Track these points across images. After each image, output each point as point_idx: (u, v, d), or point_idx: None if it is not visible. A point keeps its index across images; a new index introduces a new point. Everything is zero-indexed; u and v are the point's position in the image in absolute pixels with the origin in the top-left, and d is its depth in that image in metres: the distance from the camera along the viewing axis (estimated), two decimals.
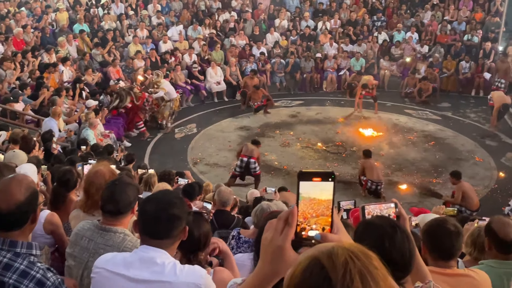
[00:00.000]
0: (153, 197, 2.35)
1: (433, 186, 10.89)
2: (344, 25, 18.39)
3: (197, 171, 11.34)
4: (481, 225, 3.57)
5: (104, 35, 15.81)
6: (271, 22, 18.47)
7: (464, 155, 12.23)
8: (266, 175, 11.23)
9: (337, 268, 1.07)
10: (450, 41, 17.45)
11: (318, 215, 1.31)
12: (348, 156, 12.18)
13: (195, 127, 13.75)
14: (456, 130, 13.56)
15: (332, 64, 16.73)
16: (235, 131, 13.60)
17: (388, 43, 17.54)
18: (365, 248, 1.13)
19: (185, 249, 2.67)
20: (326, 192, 1.31)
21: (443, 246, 2.58)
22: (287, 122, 14.23)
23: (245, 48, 16.80)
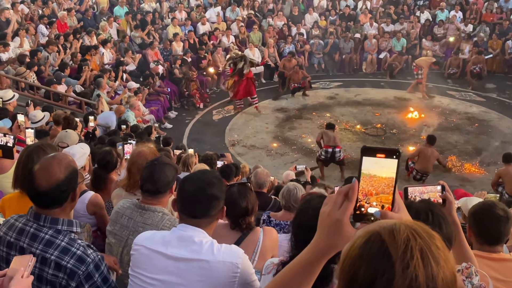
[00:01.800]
0: (192, 177, 2.35)
1: (476, 169, 10.58)
2: (385, 4, 17.93)
3: (234, 153, 11.39)
4: None
5: (143, 17, 15.94)
6: (309, 2, 18.20)
7: (510, 138, 11.82)
8: (304, 157, 11.19)
9: (398, 244, 1.04)
10: (496, 20, 16.77)
11: (379, 193, 1.29)
12: (387, 139, 11.97)
13: (233, 109, 13.77)
14: (501, 112, 13.11)
15: (373, 45, 16.37)
16: (272, 113, 13.55)
17: (431, 23, 17.01)
18: (428, 227, 1.10)
19: (234, 216, 2.96)
20: (390, 169, 1.28)
21: (490, 230, 2.51)
22: (325, 104, 14.07)
23: (283, 29, 16.63)
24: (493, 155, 11.08)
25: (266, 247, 2.97)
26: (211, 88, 14.90)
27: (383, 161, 1.28)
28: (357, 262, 1.07)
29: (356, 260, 1.07)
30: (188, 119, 13.27)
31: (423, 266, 1.02)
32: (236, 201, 2.93)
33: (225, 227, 3.03)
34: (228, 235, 2.95)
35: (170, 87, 13.60)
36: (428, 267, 1.03)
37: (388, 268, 1.03)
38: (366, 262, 1.06)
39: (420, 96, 14.15)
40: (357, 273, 1.06)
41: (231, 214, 2.91)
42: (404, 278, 1.01)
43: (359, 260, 1.07)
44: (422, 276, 1.02)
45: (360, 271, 1.06)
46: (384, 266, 1.03)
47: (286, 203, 4.06)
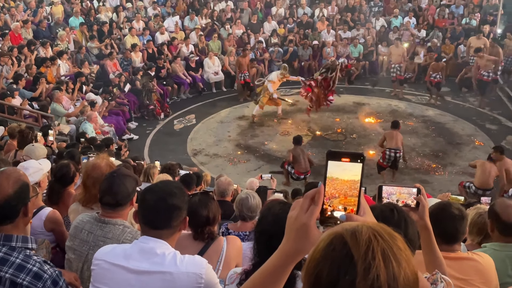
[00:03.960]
0: (153, 187, 2.33)
1: (434, 171, 10.87)
2: (341, 12, 18.27)
3: (197, 162, 11.33)
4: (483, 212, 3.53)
5: (100, 28, 15.70)
6: (267, 10, 18.36)
7: (465, 139, 12.20)
8: (267, 164, 11.24)
9: (360, 245, 1.06)
10: (448, 25, 17.35)
11: (345, 196, 1.31)
12: (347, 143, 12.14)
13: (194, 118, 13.71)
14: (455, 115, 13.52)
15: (331, 51, 16.63)
16: (234, 121, 13.56)
17: (386, 29, 17.44)
18: (390, 229, 1.12)
19: (195, 226, 2.95)
20: (354, 173, 1.30)
21: (446, 230, 2.55)
22: (286, 111, 14.15)
23: (243, 37, 16.70)
24: (450, 157, 11.41)
25: (230, 256, 2.96)
26: (172, 98, 14.80)
27: (348, 165, 1.30)
28: (321, 264, 1.08)
29: (319, 262, 1.09)
30: (149, 129, 13.13)
31: (384, 266, 1.04)
32: (198, 210, 2.91)
33: (188, 237, 3.00)
34: (191, 246, 2.92)
35: (130, 98, 13.43)
36: (390, 267, 1.04)
37: (350, 269, 1.04)
38: (329, 264, 1.07)
39: (378, 100, 14.44)
40: (321, 275, 1.07)
41: (193, 224, 2.89)
42: (366, 278, 1.03)
43: (322, 262, 1.08)
44: (384, 276, 1.03)
45: (323, 273, 1.07)
46: (346, 267, 1.05)
47: (240, 212, 4.00)
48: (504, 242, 3.02)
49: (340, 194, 1.31)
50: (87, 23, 15.86)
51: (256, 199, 3.98)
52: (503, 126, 12.84)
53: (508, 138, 12.12)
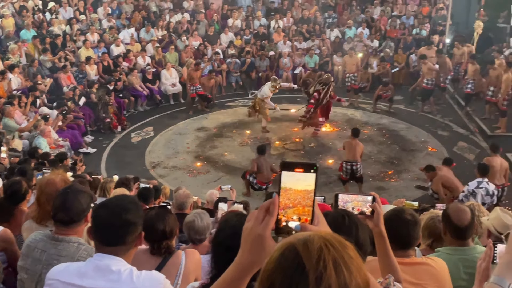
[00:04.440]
0: (107, 203, 2.28)
1: (390, 177, 11.11)
2: (297, 23, 18.54)
3: (155, 175, 11.19)
4: (435, 216, 3.64)
5: (53, 41, 15.35)
6: (224, 22, 18.43)
7: (418, 146, 12.54)
8: (226, 175, 11.21)
9: (311, 255, 1.07)
10: (400, 36, 17.87)
11: (300, 206, 1.31)
12: (306, 153, 12.27)
13: (152, 131, 13.57)
14: (409, 122, 13.89)
15: (288, 61, 16.82)
16: (193, 133, 13.49)
17: (340, 39, 17.80)
18: (342, 238, 1.13)
19: (152, 240, 2.89)
20: (308, 183, 1.31)
21: (399, 235, 2.60)
22: (245, 121, 14.22)
23: (200, 48, 16.70)
24: (405, 163, 11.70)
25: (189, 270, 2.93)
26: (129, 110, 14.60)
27: (302, 175, 1.31)
28: (273, 275, 1.09)
29: (272, 272, 1.09)
30: (105, 143, 12.89)
31: (335, 275, 1.05)
32: (154, 224, 2.88)
33: (145, 252, 2.96)
34: (148, 261, 2.88)
35: (85, 111, 13.17)
36: (341, 276, 1.06)
37: (302, 279, 1.05)
38: (281, 274, 1.08)
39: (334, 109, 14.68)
40: (274, 286, 1.08)
41: (150, 239, 2.85)
42: (318, 287, 1.04)
43: (275, 272, 1.09)
44: (335, 284, 1.05)
45: (276, 284, 1.08)
46: (298, 277, 1.06)
47: (189, 236, 3.82)
48: (456, 246, 3.12)
49: (294, 204, 1.32)
50: (40, 36, 15.47)
51: (205, 220, 3.79)
52: (454, 133, 13.27)
53: (459, 144, 12.53)
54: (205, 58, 16.11)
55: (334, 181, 10.85)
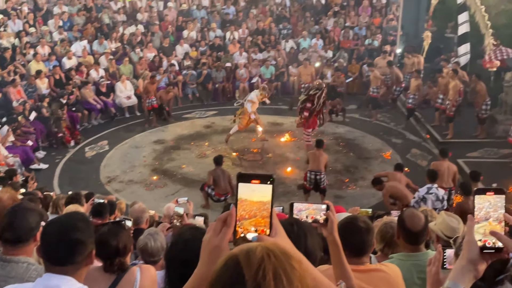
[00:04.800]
0: (55, 221, 2.21)
1: (347, 185, 11.28)
2: (252, 34, 18.68)
3: (111, 190, 10.97)
4: (388, 221, 3.71)
5: (1, 54, 14.88)
6: (179, 33, 18.35)
7: (373, 153, 12.80)
8: (184, 188, 11.11)
9: (251, 264, 1.08)
10: (353, 46, 18.28)
11: (257, 217, 1.32)
12: (264, 163, 12.31)
13: (107, 144, 13.31)
14: (364, 131, 14.17)
15: (244, 72, 16.90)
16: (149, 145, 13.32)
17: (295, 50, 18.03)
18: (288, 249, 1.15)
19: (105, 257, 2.82)
20: (265, 194, 1.32)
21: (353, 242, 2.63)
22: (202, 133, 14.17)
23: (155, 60, 16.56)
24: (361, 171, 11.91)
25: (144, 286, 2.87)
26: (83, 124, 14.28)
27: (258, 187, 1.33)
28: (215, 285, 1.10)
29: (214, 283, 1.11)
30: (58, 158, 12.55)
31: (274, 285, 1.06)
32: (107, 241, 2.81)
33: (98, 270, 2.88)
34: (102, 278, 2.80)
35: (37, 126, 12.78)
36: (280, 286, 1.06)
37: None
38: (221, 284, 1.09)
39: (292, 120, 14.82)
40: None
41: (103, 255, 2.78)
42: None
43: (217, 283, 1.10)
44: None
45: None
46: (237, 287, 1.07)
47: (143, 259, 3.68)
48: (409, 251, 3.19)
49: (251, 216, 1.33)
50: None
51: (159, 240, 3.64)
52: (408, 140, 13.62)
53: (412, 151, 12.87)
54: (160, 70, 15.98)
55: (293, 191, 10.91)
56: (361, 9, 19.51)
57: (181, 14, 19.01)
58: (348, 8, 19.73)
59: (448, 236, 3.48)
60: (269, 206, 1.33)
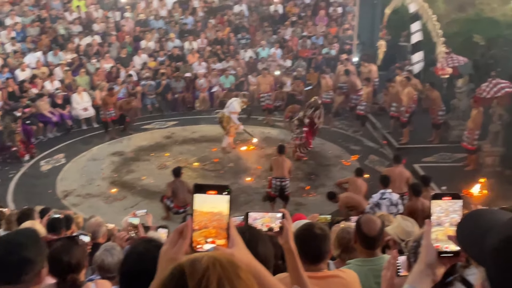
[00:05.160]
0: (3, 239, 2.13)
1: (307, 193, 11.36)
2: (211, 44, 18.67)
3: (68, 204, 10.72)
4: (344, 227, 3.76)
5: None
6: (137, 44, 18.16)
7: (333, 160, 12.96)
8: (145, 200, 10.95)
9: (195, 274, 1.07)
10: (311, 55, 18.52)
11: (214, 228, 1.31)
12: (225, 173, 12.28)
13: (63, 157, 12.98)
14: (323, 138, 14.33)
15: (203, 82, 16.86)
16: (107, 158, 13.07)
17: (254, 60, 18.13)
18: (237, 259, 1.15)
19: (58, 274, 2.73)
20: (222, 205, 1.32)
21: (310, 249, 2.65)
22: (162, 144, 14.02)
23: (112, 71, 16.32)
24: (321, 178, 12.03)
25: None
26: (38, 137, 13.89)
27: (215, 198, 1.32)
28: None
29: None
30: (12, 173, 12.15)
31: None
32: (59, 257, 2.73)
33: (52, 287, 2.79)
34: None
35: None
36: None
37: None
38: None
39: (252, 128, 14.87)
40: None
41: (55, 272, 2.69)
42: None
43: None
44: None
45: None
46: None
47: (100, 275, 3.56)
48: (366, 256, 3.23)
49: (208, 227, 1.32)
50: None
51: (116, 255, 3.53)
52: (366, 146, 13.87)
53: (370, 157, 13.11)
54: (118, 80, 15.76)
55: (254, 200, 10.92)
56: (318, 18, 19.83)
57: (139, 24, 18.83)
58: (305, 17, 20.02)
59: (403, 240, 3.55)
60: (226, 216, 1.32)
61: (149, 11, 19.48)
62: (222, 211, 1.32)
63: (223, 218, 1.33)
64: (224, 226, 1.32)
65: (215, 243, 1.31)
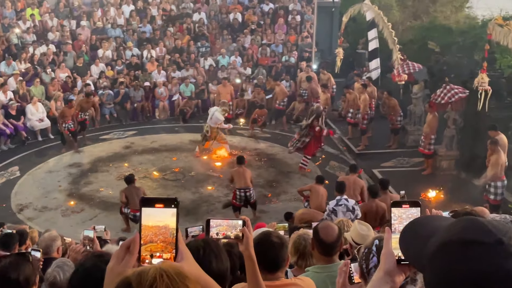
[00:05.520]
0: None
1: (269, 200, 11.38)
2: (170, 52, 18.53)
3: (23, 218, 10.36)
4: (301, 233, 3.76)
5: None
6: (93, 53, 17.82)
7: (294, 167, 13.02)
8: (104, 212, 10.71)
9: (142, 285, 1.06)
10: (271, 63, 18.64)
11: (162, 242, 1.28)
12: (186, 182, 12.18)
13: (18, 170, 12.58)
14: (284, 145, 14.39)
15: (163, 91, 16.70)
16: (64, 169, 12.74)
17: (215, 68, 18.10)
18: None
19: None
20: (169, 218, 1.29)
21: (267, 258, 2.63)
22: (121, 154, 13.79)
23: (68, 81, 15.96)
24: (282, 185, 12.07)
25: None
26: None
27: (162, 211, 1.29)
28: None
29: None
30: None
31: None
32: (7, 274, 2.61)
33: None
34: None
35: None
36: None
37: None
38: None
39: None
40: None
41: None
42: None
43: None
44: None
45: None
46: None
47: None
48: (323, 262, 3.23)
49: (156, 241, 1.29)
50: None
51: (68, 272, 3.31)
52: (326, 153, 13.98)
53: (330, 163, 13.26)
54: (75, 90, 15.43)
55: (216, 209, 10.86)
56: (277, 26, 19.98)
57: (95, 33, 18.49)
58: (265, 25, 20.14)
59: (358, 243, 3.57)
60: (174, 230, 1.30)
61: (106, 20, 19.16)
62: (168, 224, 1.30)
63: (171, 231, 1.30)
64: (172, 240, 1.30)
65: (161, 257, 1.28)
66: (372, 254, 2.19)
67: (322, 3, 19.76)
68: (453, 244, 1.08)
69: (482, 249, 1.04)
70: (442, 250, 1.09)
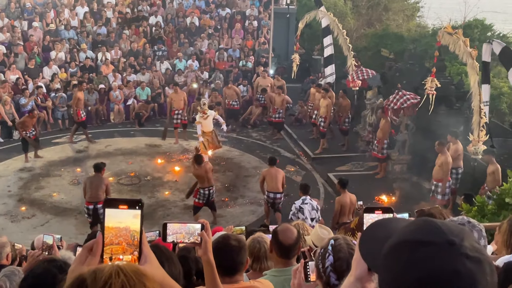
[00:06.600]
0: None
1: (226, 204, 11.37)
2: (125, 55, 18.24)
3: None
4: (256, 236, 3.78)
5: None
6: (46, 54, 17.34)
7: (251, 171, 13.07)
8: (56, 217, 10.43)
9: (97, 282, 1.05)
10: (228, 67, 18.65)
11: (126, 244, 1.27)
12: (142, 186, 12.01)
13: None
14: (241, 150, 14.45)
15: (118, 94, 16.41)
16: (14, 174, 12.33)
17: (171, 72, 17.94)
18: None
19: None
20: (134, 220, 1.28)
21: (225, 261, 2.63)
22: (75, 158, 13.47)
23: (18, 83, 15.45)
24: (239, 189, 12.09)
25: None
26: None
27: (126, 212, 1.28)
28: None
29: None
30: None
31: None
32: None
33: None
34: None
35: None
36: None
37: None
38: None
39: (170, 141, 14.67)
40: None
41: None
42: None
43: None
44: None
45: None
46: None
47: None
48: (281, 265, 3.26)
49: (120, 242, 1.27)
50: None
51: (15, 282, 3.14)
52: (283, 157, 14.07)
53: (287, 167, 13.36)
54: (26, 92, 14.96)
55: (173, 213, 10.77)
56: (234, 31, 20.03)
57: (48, 34, 17.98)
58: (222, 30, 20.15)
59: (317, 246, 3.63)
60: (138, 232, 1.28)
61: (59, 21, 18.68)
62: (129, 226, 1.28)
63: (135, 233, 1.28)
64: (135, 242, 1.28)
65: (121, 260, 1.27)
66: (328, 253, 2.23)
67: (278, 9, 19.98)
68: (405, 244, 1.10)
69: (433, 250, 1.06)
70: (395, 250, 1.11)
